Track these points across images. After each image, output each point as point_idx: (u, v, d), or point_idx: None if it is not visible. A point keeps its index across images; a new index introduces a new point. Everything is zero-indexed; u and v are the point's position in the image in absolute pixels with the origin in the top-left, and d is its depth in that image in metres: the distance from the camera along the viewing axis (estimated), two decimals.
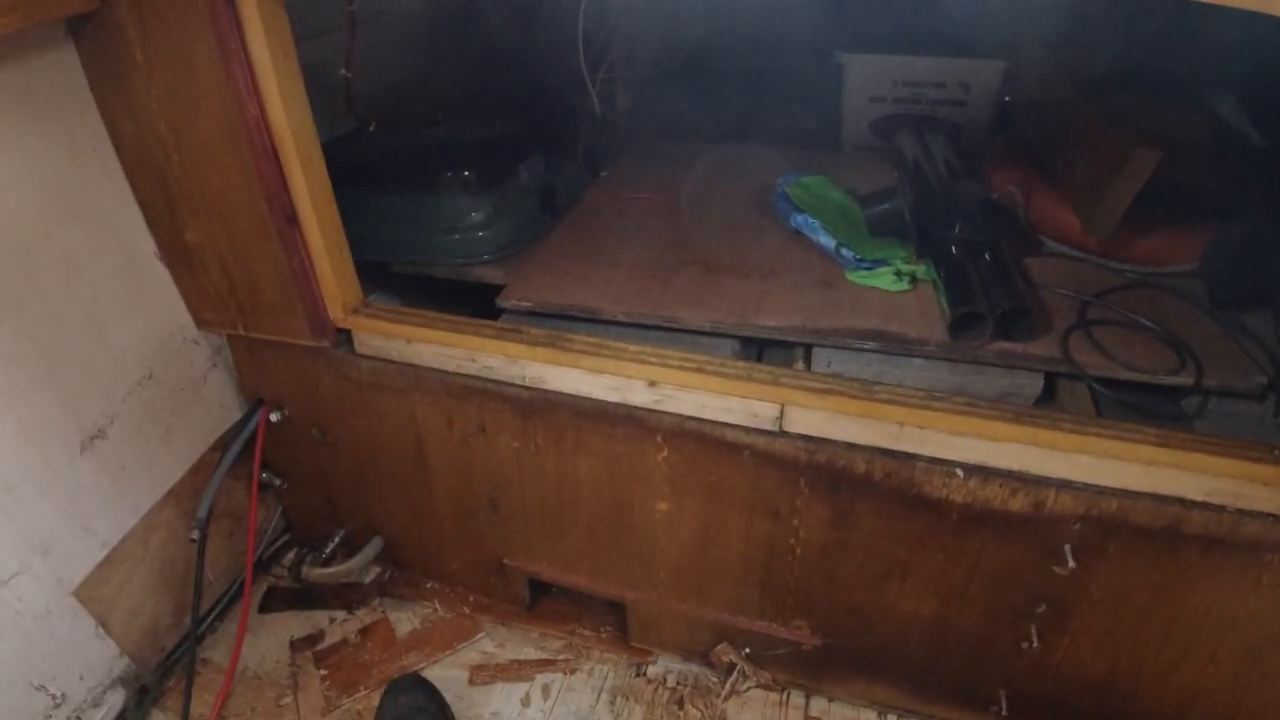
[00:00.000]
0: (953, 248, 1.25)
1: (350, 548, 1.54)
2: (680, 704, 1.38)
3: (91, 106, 1.15)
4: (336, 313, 1.26)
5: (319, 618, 1.54)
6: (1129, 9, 1.56)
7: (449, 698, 1.34)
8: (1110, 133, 1.27)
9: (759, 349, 1.27)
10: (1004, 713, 1.27)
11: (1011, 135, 1.60)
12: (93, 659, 1.28)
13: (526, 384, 1.21)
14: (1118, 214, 1.23)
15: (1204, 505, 1.01)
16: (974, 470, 1.06)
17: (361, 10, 1.23)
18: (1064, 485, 1.04)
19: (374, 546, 1.52)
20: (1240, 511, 1.00)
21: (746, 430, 1.13)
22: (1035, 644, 1.17)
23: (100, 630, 1.28)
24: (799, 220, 1.41)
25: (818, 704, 1.38)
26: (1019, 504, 1.06)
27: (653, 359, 1.14)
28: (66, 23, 1.08)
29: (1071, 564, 1.07)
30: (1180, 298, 1.27)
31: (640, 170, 1.72)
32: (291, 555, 1.59)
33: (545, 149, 1.52)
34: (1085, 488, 1.03)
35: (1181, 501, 1.01)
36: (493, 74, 1.83)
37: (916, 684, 1.32)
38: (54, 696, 1.22)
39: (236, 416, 1.45)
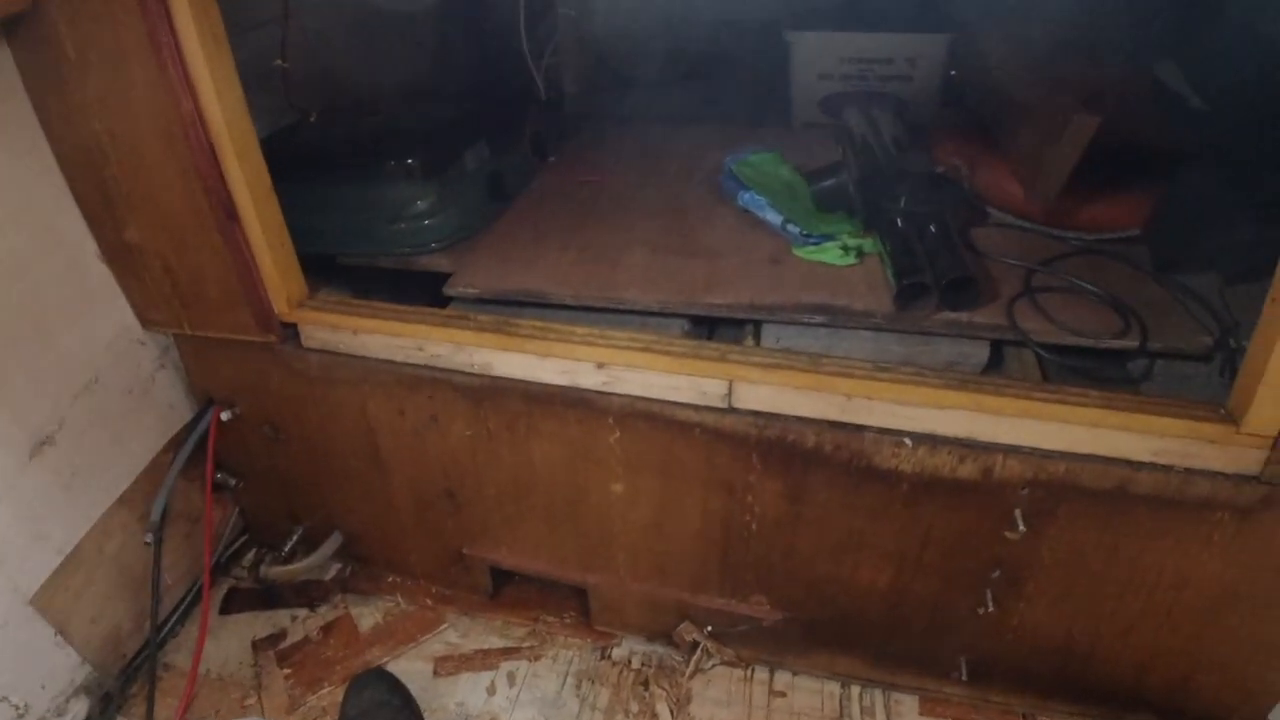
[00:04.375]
0: (898, 220, 1.26)
1: (310, 545, 1.52)
2: (646, 685, 1.38)
3: (27, 107, 1.13)
4: (281, 307, 1.25)
5: (280, 617, 1.53)
6: None
7: (414, 690, 1.33)
8: (1050, 100, 1.28)
9: (709, 328, 1.27)
10: (964, 678, 1.28)
11: (958, 108, 1.60)
12: (54, 667, 1.27)
13: (475, 371, 1.21)
14: (1059, 181, 1.23)
15: (1151, 466, 1.01)
16: (922, 439, 1.07)
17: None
18: (1011, 450, 1.04)
19: (333, 542, 1.50)
20: (1188, 470, 1.01)
21: (696, 408, 1.13)
22: (991, 609, 1.18)
23: (59, 638, 1.26)
24: (746, 198, 1.41)
25: (782, 678, 1.39)
26: (967, 471, 1.07)
27: (600, 340, 1.14)
28: None
29: (1022, 528, 1.08)
30: (1125, 263, 1.27)
31: (589, 154, 1.71)
32: (251, 555, 1.57)
33: (491, 135, 1.50)
34: (1032, 452, 1.04)
35: (1129, 463, 1.02)
36: (437, 60, 1.81)
37: (878, 654, 1.33)
38: (17, 707, 1.21)
39: (188, 417, 1.43)
